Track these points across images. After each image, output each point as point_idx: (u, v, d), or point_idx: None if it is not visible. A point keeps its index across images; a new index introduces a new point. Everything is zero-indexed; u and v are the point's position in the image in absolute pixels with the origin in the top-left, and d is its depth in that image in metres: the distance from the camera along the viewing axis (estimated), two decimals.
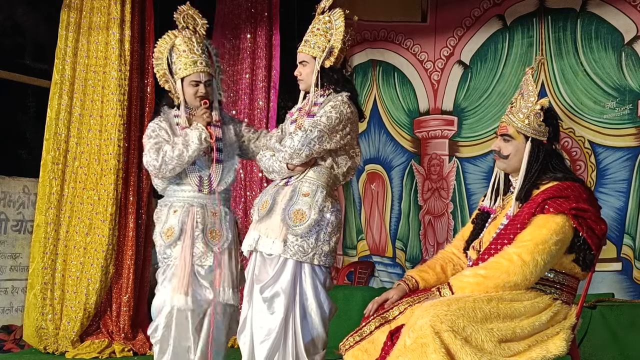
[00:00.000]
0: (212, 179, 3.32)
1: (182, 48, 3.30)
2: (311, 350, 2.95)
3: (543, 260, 2.28)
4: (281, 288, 2.93)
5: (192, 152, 3.21)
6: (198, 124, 3.26)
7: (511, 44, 5.22)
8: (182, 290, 3.17)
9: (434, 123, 5.67)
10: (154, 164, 3.21)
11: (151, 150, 3.23)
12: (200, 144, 3.22)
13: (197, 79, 3.29)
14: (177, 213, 3.27)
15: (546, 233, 2.29)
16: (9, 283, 5.06)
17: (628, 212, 4.54)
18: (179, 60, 3.30)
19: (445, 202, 5.53)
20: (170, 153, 3.19)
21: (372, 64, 6.05)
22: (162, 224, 3.30)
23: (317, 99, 3.09)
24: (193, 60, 3.29)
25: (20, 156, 5.43)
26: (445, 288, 2.37)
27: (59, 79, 4.84)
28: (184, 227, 3.23)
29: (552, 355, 2.25)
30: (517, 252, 2.29)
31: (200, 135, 3.22)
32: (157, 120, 3.36)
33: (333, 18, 3.09)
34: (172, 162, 3.20)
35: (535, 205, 2.36)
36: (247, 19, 5.47)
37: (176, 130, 3.33)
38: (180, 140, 3.22)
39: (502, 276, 2.29)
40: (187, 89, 3.31)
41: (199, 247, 3.24)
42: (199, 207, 3.29)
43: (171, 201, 3.33)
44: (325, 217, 2.98)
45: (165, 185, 3.37)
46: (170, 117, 3.39)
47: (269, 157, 3.11)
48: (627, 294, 4.45)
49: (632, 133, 4.58)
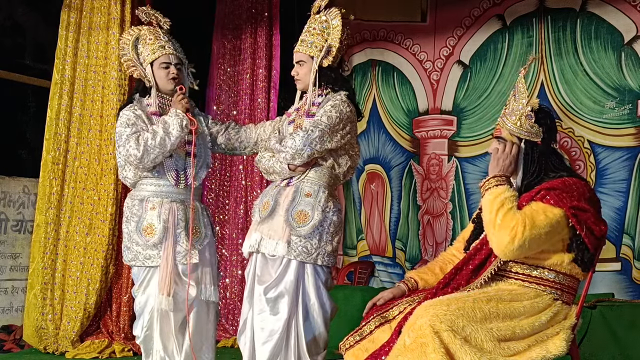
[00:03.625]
0: (187, 174, 3.25)
1: (149, 36, 3.31)
2: (313, 350, 2.96)
3: (529, 245, 2.28)
4: (285, 289, 2.93)
5: (174, 139, 3.13)
6: (177, 110, 3.18)
7: (511, 43, 5.22)
8: (164, 291, 3.13)
9: (433, 123, 5.66)
10: (135, 153, 3.10)
11: (130, 140, 3.12)
12: (182, 130, 3.15)
13: (166, 60, 3.27)
14: (155, 209, 3.18)
15: (543, 220, 2.29)
16: (9, 283, 5.06)
17: (627, 212, 4.55)
18: (146, 48, 3.29)
19: (445, 202, 5.53)
20: (151, 141, 3.10)
21: (372, 63, 6.05)
22: (137, 219, 3.20)
23: (315, 98, 3.09)
24: (160, 45, 3.29)
25: (20, 156, 5.42)
26: (492, 182, 2.41)
27: (59, 79, 4.84)
28: (167, 226, 3.16)
29: (552, 355, 2.25)
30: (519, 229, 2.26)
31: (181, 121, 3.15)
32: (131, 109, 3.25)
33: (329, 17, 3.09)
34: (155, 151, 3.11)
35: (536, 192, 2.36)
36: (247, 19, 5.48)
37: (152, 118, 3.25)
38: (160, 127, 3.13)
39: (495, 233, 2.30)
40: (158, 72, 3.28)
41: (181, 245, 3.18)
42: (179, 203, 3.23)
43: (145, 195, 3.23)
44: (328, 217, 2.98)
45: (136, 179, 3.25)
46: (143, 105, 3.30)
47: (268, 158, 3.10)
48: (627, 294, 4.45)
49: (631, 133, 4.58)
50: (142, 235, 3.17)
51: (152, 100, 3.28)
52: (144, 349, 3.26)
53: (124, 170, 3.26)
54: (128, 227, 3.23)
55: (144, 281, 3.21)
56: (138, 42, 3.32)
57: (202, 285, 3.23)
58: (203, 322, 3.27)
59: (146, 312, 3.20)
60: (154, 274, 3.19)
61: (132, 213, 3.23)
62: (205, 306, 3.27)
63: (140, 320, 3.24)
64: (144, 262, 3.18)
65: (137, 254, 3.19)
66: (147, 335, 3.21)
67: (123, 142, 3.15)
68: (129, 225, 3.23)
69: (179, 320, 3.19)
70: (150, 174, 3.22)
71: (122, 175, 3.30)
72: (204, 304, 3.25)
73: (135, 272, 3.28)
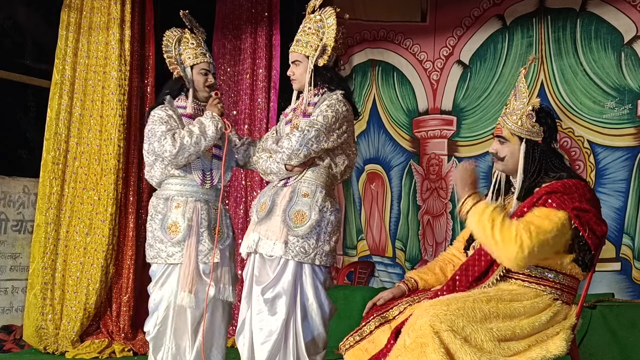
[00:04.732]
0: (213, 174, 3.32)
1: (191, 41, 3.42)
2: (312, 350, 2.96)
3: (539, 251, 2.26)
4: (283, 289, 2.93)
5: (209, 140, 3.22)
6: (213, 113, 3.26)
7: (511, 43, 5.22)
8: (187, 288, 3.17)
9: (433, 123, 5.67)
10: (171, 149, 3.16)
11: (167, 136, 3.18)
12: (217, 132, 3.23)
13: (206, 68, 3.39)
14: (180, 208, 3.24)
15: (549, 225, 2.28)
16: (9, 283, 5.06)
17: (627, 212, 4.55)
18: (187, 51, 3.39)
19: (444, 202, 5.53)
20: (187, 139, 3.17)
21: (372, 63, 6.05)
22: (162, 217, 3.26)
23: (311, 98, 3.08)
24: (202, 52, 3.42)
25: (20, 156, 5.42)
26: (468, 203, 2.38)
27: (59, 79, 4.84)
28: (191, 224, 3.22)
29: (552, 355, 2.25)
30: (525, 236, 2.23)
31: (217, 124, 3.23)
32: (163, 109, 3.31)
33: (324, 16, 3.09)
34: (190, 149, 3.18)
35: (538, 197, 2.36)
36: (247, 19, 5.48)
37: (182, 120, 3.32)
38: (197, 127, 3.20)
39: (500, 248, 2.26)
40: (197, 77, 3.38)
41: (204, 245, 3.24)
42: (203, 203, 3.29)
43: (170, 194, 3.29)
44: (325, 217, 2.98)
45: (162, 178, 3.31)
46: (174, 107, 3.37)
47: (265, 159, 3.10)
48: (627, 294, 4.45)
49: (631, 133, 4.58)
50: (166, 232, 3.23)
51: (188, 102, 3.37)
52: (153, 345, 3.28)
53: (152, 169, 3.33)
54: (152, 225, 3.30)
55: (161, 277, 3.26)
56: (180, 43, 3.41)
57: (221, 285, 3.28)
58: (217, 323, 3.30)
59: (161, 309, 3.23)
60: (173, 271, 3.23)
61: (157, 211, 3.30)
62: (221, 306, 3.31)
63: (153, 317, 3.27)
64: (166, 260, 3.24)
65: (160, 251, 3.25)
66: (159, 332, 3.24)
67: (158, 137, 3.20)
68: (153, 222, 3.29)
69: (196, 318, 3.23)
70: (177, 173, 3.28)
71: (149, 174, 3.37)
72: (220, 303, 3.29)
73: (154, 269, 3.32)
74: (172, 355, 3.22)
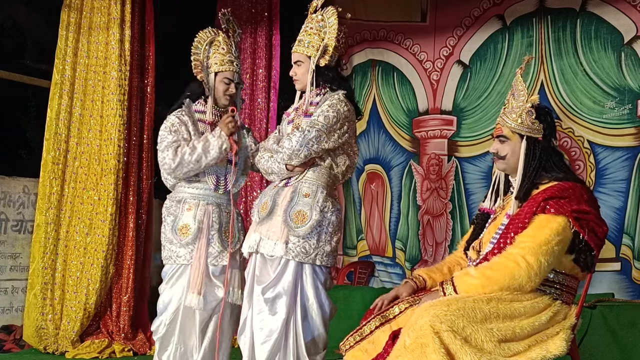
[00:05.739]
0: (227, 180, 3.33)
1: (222, 45, 3.37)
2: (312, 350, 2.96)
3: (547, 261, 2.28)
4: (283, 289, 2.93)
5: (210, 159, 3.22)
6: (221, 132, 3.24)
7: (511, 43, 5.22)
8: (195, 290, 3.18)
9: (433, 123, 5.67)
10: (170, 163, 3.19)
11: (169, 149, 3.20)
12: (220, 153, 3.23)
13: (230, 77, 3.35)
14: (192, 210, 3.26)
15: (548, 233, 2.29)
16: (9, 283, 5.06)
17: (627, 212, 4.55)
18: (216, 56, 3.35)
19: (444, 202, 5.53)
20: (188, 157, 3.18)
21: (372, 63, 6.06)
22: (174, 218, 3.28)
23: (313, 98, 3.08)
24: (230, 60, 3.37)
25: (20, 156, 5.43)
26: (449, 286, 2.37)
27: (59, 79, 4.84)
28: (201, 227, 3.23)
29: (552, 355, 2.25)
30: (521, 254, 2.28)
31: (221, 145, 3.22)
32: (178, 114, 3.31)
33: (326, 16, 3.08)
34: (188, 166, 3.20)
35: (536, 205, 2.36)
36: (247, 19, 5.48)
37: (198, 125, 3.32)
38: (201, 145, 3.20)
39: (507, 278, 2.28)
40: (219, 85, 3.35)
41: (214, 247, 3.25)
42: (214, 206, 3.30)
43: (184, 197, 3.31)
44: (326, 217, 2.98)
45: (176, 181, 3.34)
46: (191, 110, 3.36)
47: (267, 159, 3.10)
48: (626, 294, 4.45)
49: (631, 133, 4.58)
50: (176, 234, 3.25)
51: (208, 108, 3.35)
52: (160, 344, 3.29)
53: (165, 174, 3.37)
54: (164, 227, 3.33)
55: (172, 278, 3.27)
56: (211, 46, 3.37)
57: (230, 287, 3.28)
58: (225, 324, 3.30)
59: (170, 309, 3.24)
60: (183, 272, 3.24)
61: (169, 213, 3.32)
62: (230, 309, 3.31)
63: (162, 316, 3.28)
64: (175, 260, 3.25)
65: (170, 252, 3.28)
66: (167, 331, 3.25)
67: (162, 148, 3.24)
68: (165, 224, 3.32)
69: (204, 320, 3.23)
70: (190, 178, 3.30)
71: (164, 177, 3.40)
72: (228, 306, 3.29)
73: (165, 269, 3.34)
74: (180, 356, 3.24)
